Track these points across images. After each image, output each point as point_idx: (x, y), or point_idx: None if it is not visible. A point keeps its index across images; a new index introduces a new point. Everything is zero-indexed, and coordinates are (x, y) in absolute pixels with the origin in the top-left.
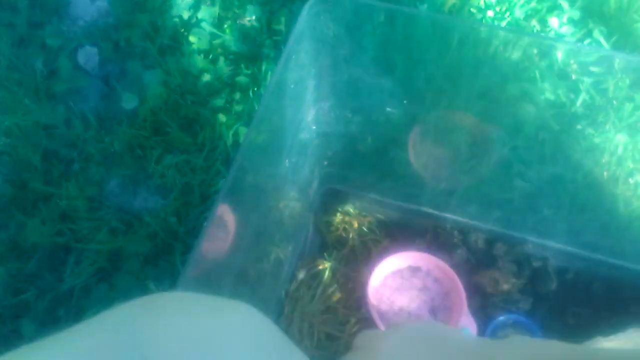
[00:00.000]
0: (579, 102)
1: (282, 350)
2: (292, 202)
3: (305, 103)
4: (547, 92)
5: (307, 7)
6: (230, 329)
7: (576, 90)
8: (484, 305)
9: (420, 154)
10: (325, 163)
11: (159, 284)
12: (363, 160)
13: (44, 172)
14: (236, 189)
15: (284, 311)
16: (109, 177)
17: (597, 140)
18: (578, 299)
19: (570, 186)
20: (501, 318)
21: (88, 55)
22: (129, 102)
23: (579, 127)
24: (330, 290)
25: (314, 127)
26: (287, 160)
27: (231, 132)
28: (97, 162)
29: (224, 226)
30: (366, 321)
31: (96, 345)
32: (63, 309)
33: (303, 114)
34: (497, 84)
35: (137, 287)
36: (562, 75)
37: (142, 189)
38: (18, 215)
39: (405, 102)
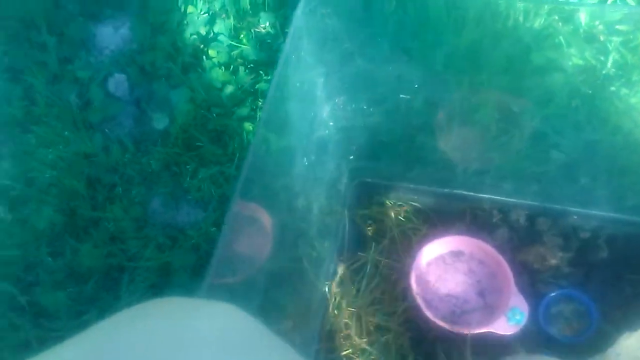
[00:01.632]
0: (609, 63)
1: (267, 347)
2: (322, 200)
3: (317, 100)
4: (575, 57)
5: (301, 5)
6: (204, 327)
7: (605, 52)
8: (533, 283)
9: (448, 137)
10: (352, 157)
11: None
12: (389, 150)
13: (90, 198)
14: (258, 192)
15: (329, 308)
16: (150, 196)
17: (633, 100)
18: (633, 265)
19: (609, 150)
20: (552, 294)
21: (117, 83)
22: (160, 122)
23: (612, 88)
24: (374, 282)
25: (331, 123)
26: (305, 159)
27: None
28: (138, 183)
29: (254, 230)
30: (413, 310)
31: (87, 354)
32: None
33: (316, 111)
34: (520, 56)
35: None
36: (589, 38)
37: (182, 204)
38: (71, 242)
39: (424, 87)
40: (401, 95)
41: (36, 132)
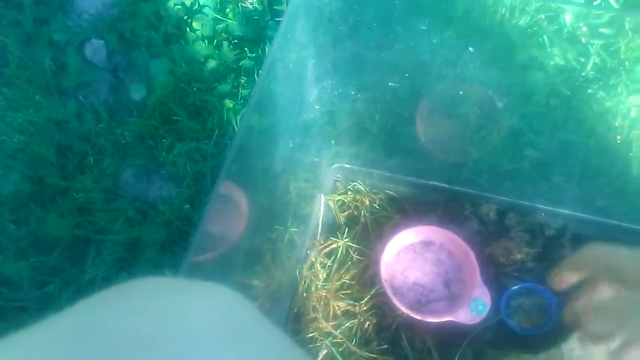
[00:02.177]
0: (589, 66)
1: (257, 328)
2: (301, 183)
3: (306, 82)
4: (557, 57)
5: None
6: (199, 310)
7: (586, 54)
8: (498, 276)
9: (428, 128)
10: (333, 142)
11: (176, 270)
12: (371, 137)
13: (60, 167)
14: (237, 172)
15: (298, 290)
16: (122, 168)
17: (609, 103)
18: None
19: (583, 152)
20: (515, 287)
21: (95, 49)
22: (137, 92)
23: (590, 91)
24: (344, 267)
25: (318, 107)
26: (290, 141)
27: (239, 117)
28: (110, 154)
29: (229, 209)
30: (381, 296)
31: (63, 337)
32: None
33: (304, 93)
34: (505, 52)
35: (156, 274)
36: (572, 39)
37: (155, 178)
38: (37, 211)
39: (409, 75)
40: (390, 83)
41: (6, 94)
